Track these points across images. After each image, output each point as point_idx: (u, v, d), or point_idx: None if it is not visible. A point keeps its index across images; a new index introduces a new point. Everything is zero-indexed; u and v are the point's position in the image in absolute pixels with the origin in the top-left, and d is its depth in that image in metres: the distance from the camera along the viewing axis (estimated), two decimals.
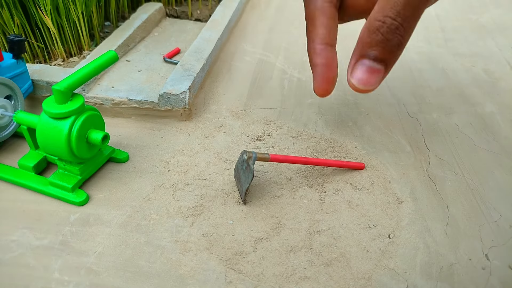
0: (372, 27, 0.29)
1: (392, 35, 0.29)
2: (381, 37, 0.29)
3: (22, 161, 0.37)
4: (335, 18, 0.33)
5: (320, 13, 0.33)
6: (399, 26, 0.28)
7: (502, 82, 0.57)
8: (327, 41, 0.33)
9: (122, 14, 0.71)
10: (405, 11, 0.28)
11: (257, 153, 0.34)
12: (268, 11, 0.79)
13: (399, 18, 0.28)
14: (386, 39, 0.29)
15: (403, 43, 0.29)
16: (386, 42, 0.29)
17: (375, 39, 0.29)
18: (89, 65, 0.33)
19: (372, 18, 0.29)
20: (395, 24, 0.28)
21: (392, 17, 0.28)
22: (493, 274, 0.31)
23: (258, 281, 0.30)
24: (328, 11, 0.33)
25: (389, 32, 0.29)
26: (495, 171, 0.41)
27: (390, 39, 0.29)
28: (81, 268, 0.30)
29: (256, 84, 0.55)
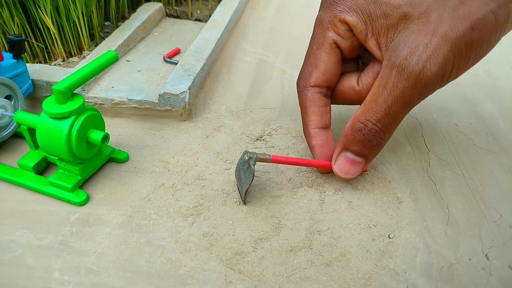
0: (355, 127, 0.32)
1: (372, 137, 0.32)
2: (362, 137, 0.32)
3: (22, 161, 0.37)
4: (326, 104, 0.37)
5: (311, 103, 0.36)
6: (379, 130, 0.32)
7: (502, 82, 0.57)
8: (320, 125, 0.37)
9: (122, 14, 0.71)
10: (385, 119, 0.31)
11: (258, 154, 0.34)
12: (268, 11, 0.79)
13: (379, 124, 0.31)
14: (366, 139, 0.32)
15: (382, 143, 0.33)
16: (367, 142, 0.32)
17: (357, 137, 0.33)
18: (89, 65, 0.33)
19: (355, 118, 0.33)
20: (375, 128, 0.32)
21: (373, 123, 0.31)
22: (493, 274, 0.31)
23: (258, 281, 0.30)
24: (318, 101, 0.36)
25: (370, 135, 0.32)
26: (495, 171, 0.41)
27: (370, 140, 0.32)
28: (81, 268, 0.30)
29: (256, 84, 0.55)
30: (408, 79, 0.29)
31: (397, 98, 0.30)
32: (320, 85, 0.36)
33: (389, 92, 0.30)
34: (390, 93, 0.30)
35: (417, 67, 0.28)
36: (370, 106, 0.31)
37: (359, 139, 0.32)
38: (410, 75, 0.29)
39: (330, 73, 0.35)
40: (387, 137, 0.33)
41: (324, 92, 0.36)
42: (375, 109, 0.31)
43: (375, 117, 0.31)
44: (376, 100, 0.31)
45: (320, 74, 0.35)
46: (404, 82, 0.29)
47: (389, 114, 0.31)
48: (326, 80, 0.35)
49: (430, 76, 0.29)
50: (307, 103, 0.37)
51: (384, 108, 0.30)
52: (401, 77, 0.29)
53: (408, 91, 0.29)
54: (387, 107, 0.30)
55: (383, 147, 0.34)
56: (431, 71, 0.28)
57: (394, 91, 0.30)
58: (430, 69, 0.28)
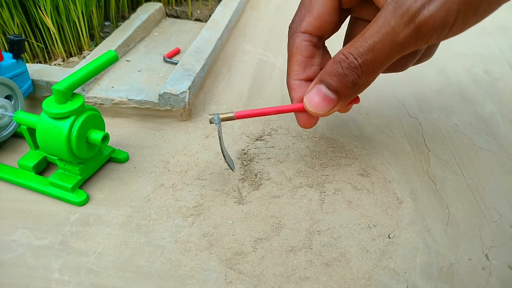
0: (337, 58, 0.30)
1: (349, 71, 0.29)
2: (339, 70, 0.30)
3: (22, 161, 0.37)
4: (313, 55, 0.34)
5: (296, 51, 0.34)
6: (357, 66, 0.29)
7: (502, 82, 0.57)
8: (302, 77, 0.34)
9: (122, 14, 0.71)
10: (367, 55, 0.28)
11: (220, 114, 0.33)
12: (268, 11, 0.79)
13: (359, 59, 0.29)
14: (343, 73, 0.30)
15: (358, 83, 0.30)
16: (343, 76, 0.30)
17: (334, 69, 0.30)
18: (89, 65, 0.33)
19: (340, 50, 0.30)
20: (354, 63, 0.29)
21: (354, 56, 0.29)
22: (493, 274, 0.31)
23: (258, 281, 0.30)
24: (304, 50, 0.34)
25: (347, 69, 0.29)
26: (495, 171, 0.41)
27: (347, 75, 0.30)
28: (81, 268, 0.30)
29: (256, 84, 0.55)
30: (402, 16, 0.26)
31: (386, 34, 0.27)
32: (311, 32, 0.33)
33: (379, 27, 0.27)
34: (380, 28, 0.27)
35: (415, 5, 0.25)
36: (358, 39, 0.28)
37: (336, 71, 0.30)
38: (406, 12, 0.26)
39: (324, 19, 0.32)
40: (365, 78, 0.30)
41: (314, 41, 0.34)
42: (360, 43, 0.28)
43: (357, 50, 0.28)
44: (364, 33, 0.28)
45: (312, 20, 0.33)
46: (397, 19, 0.26)
47: (372, 50, 0.28)
48: (318, 27, 0.33)
49: (428, 18, 0.25)
50: (292, 51, 0.34)
51: (369, 43, 0.27)
52: (395, 13, 0.26)
53: (400, 30, 0.26)
54: (372, 42, 0.27)
55: (359, 92, 0.31)
56: (430, 12, 0.25)
57: (384, 26, 0.27)
58: (429, 10, 0.25)
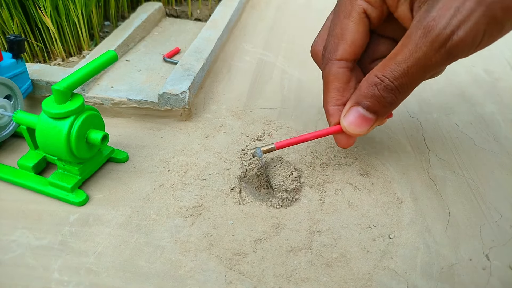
0: (371, 81, 0.31)
1: (387, 94, 0.31)
2: (377, 93, 0.31)
3: (22, 161, 0.37)
4: (349, 80, 0.35)
5: (334, 78, 0.35)
6: (394, 88, 0.30)
7: (502, 82, 0.57)
8: (339, 103, 0.35)
9: (122, 14, 0.71)
10: (403, 78, 0.30)
11: (261, 148, 0.34)
12: (268, 11, 0.79)
13: (396, 82, 0.30)
14: (381, 95, 0.31)
15: (396, 103, 0.31)
16: (381, 98, 0.31)
17: (371, 92, 0.31)
18: (88, 65, 0.33)
19: (372, 73, 0.31)
20: (391, 85, 0.30)
21: (390, 80, 0.30)
22: (493, 275, 0.31)
23: (258, 282, 0.30)
24: (342, 77, 0.34)
25: (385, 91, 0.30)
26: (496, 171, 0.41)
27: (385, 97, 0.31)
28: (80, 268, 0.30)
29: (256, 84, 0.55)
30: (433, 42, 0.27)
31: (419, 59, 0.28)
32: (346, 59, 0.34)
33: (411, 52, 0.28)
34: (412, 54, 0.28)
35: (445, 32, 0.26)
36: (389, 63, 0.30)
37: (373, 94, 0.31)
38: (436, 39, 0.27)
39: (358, 45, 0.33)
40: (401, 97, 0.31)
41: (350, 66, 0.34)
42: (393, 67, 0.29)
43: (392, 74, 0.30)
44: (396, 57, 0.29)
45: (347, 47, 0.33)
46: (428, 44, 0.27)
47: (407, 74, 0.29)
48: (354, 53, 0.34)
49: (458, 42, 0.27)
50: (330, 78, 0.35)
51: (403, 67, 0.29)
52: (426, 38, 0.27)
53: (431, 54, 0.28)
54: (406, 67, 0.29)
55: (394, 108, 0.32)
56: (459, 37, 0.26)
57: (416, 52, 0.28)
58: (459, 35, 0.26)
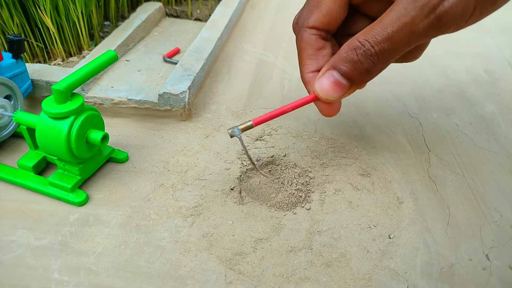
0: (352, 45, 0.30)
1: (365, 59, 0.30)
2: (355, 57, 0.30)
3: (22, 161, 0.37)
4: (324, 46, 0.34)
5: (306, 45, 0.34)
6: (374, 54, 0.29)
7: (502, 82, 0.57)
8: (314, 69, 0.34)
9: (122, 14, 0.71)
10: (385, 43, 0.29)
11: (238, 126, 0.33)
12: (268, 11, 0.79)
13: (376, 47, 0.29)
14: (358, 60, 0.30)
15: (373, 71, 0.30)
16: (358, 63, 0.30)
17: (349, 56, 0.30)
18: (88, 65, 0.33)
19: (355, 37, 0.30)
20: (371, 50, 0.29)
21: (371, 44, 0.29)
22: (493, 275, 0.31)
23: (258, 282, 0.30)
24: (314, 43, 0.34)
25: (363, 56, 0.29)
26: (496, 171, 0.41)
27: (362, 62, 0.30)
28: (80, 268, 0.30)
29: (256, 84, 0.55)
30: (423, 7, 0.26)
31: (405, 24, 0.27)
32: (318, 27, 0.33)
33: (398, 16, 0.27)
34: (399, 18, 0.27)
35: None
36: (374, 27, 0.28)
37: (351, 58, 0.30)
38: (427, 3, 0.26)
39: (333, 16, 0.32)
40: (380, 66, 0.30)
41: (323, 35, 0.34)
42: (377, 31, 0.28)
43: (375, 38, 0.28)
44: (381, 21, 0.28)
45: (321, 15, 0.33)
46: (418, 9, 0.26)
47: (390, 39, 0.28)
48: (327, 23, 0.33)
49: (448, 9, 0.26)
50: (302, 45, 0.34)
51: (387, 31, 0.28)
52: (416, 3, 0.26)
53: (420, 20, 0.26)
54: (391, 31, 0.28)
55: (371, 78, 0.31)
56: (450, 4, 0.26)
57: (404, 16, 0.27)
58: (450, 1, 0.26)
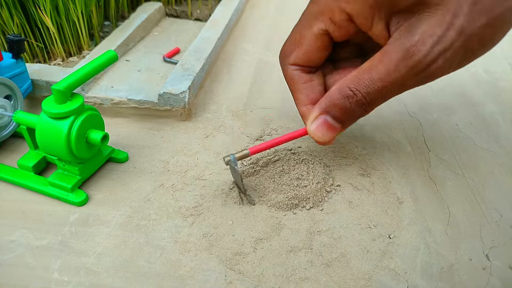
0: (344, 93, 0.31)
1: (358, 108, 0.31)
2: (348, 105, 0.31)
3: (22, 161, 0.37)
4: (310, 79, 0.35)
5: (292, 81, 0.35)
6: (366, 103, 0.31)
7: (503, 82, 0.57)
8: (308, 102, 0.35)
9: (122, 14, 0.71)
10: (376, 95, 0.30)
11: (235, 154, 0.34)
12: (268, 10, 0.79)
13: (368, 97, 0.30)
14: (351, 108, 0.31)
15: (364, 115, 0.32)
16: (351, 111, 0.31)
17: (342, 103, 0.31)
18: (88, 65, 0.33)
19: (345, 84, 0.31)
20: (363, 101, 0.31)
21: (363, 95, 0.30)
22: (493, 275, 0.31)
23: (258, 282, 0.30)
24: (299, 78, 0.35)
25: (356, 105, 0.31)
26: (496, 171, 0.41)
27: (355, 110, 0.31)
28: (80, 268, 0.30)
29: (256, 84, 0.55)
30: (413, 67, 0.28)
31: (395, 80, 0.29)
32: (298, 64, 0.35)
33: (388, 72, 0.29)
34: (389, 74, 0.29)
35: (426, 60, 0.27)
36: (364, 77, 0.30)
37: (344, 105, 0.31)
38: (417, 65, 0.28)
39: (313, 56, 0.34)
40: (370, 111, 0.32)
41: (306, 69, 0.35)
42: (368, 82, 0.30)
43: (366, 90, 0.30)
44: (372, 72, 0.30)
45: (300, 54, 0.34)
46: (407, 69, 0.28)
47: (381, 92, 0.30)
48: (307, 61, 0.34)
49: (436, 69, 0.28)
50: (288, 81, 0.36)
51: (378, 86, 0.29)
52: (406, 62, 0.28)
53: (409, 78, 0.28)
54: (381, 85, 0.29)
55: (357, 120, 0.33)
56: (438, 65, 0.28)
57: (394, 73, 0.29)
58: (438, 63, 0.27)
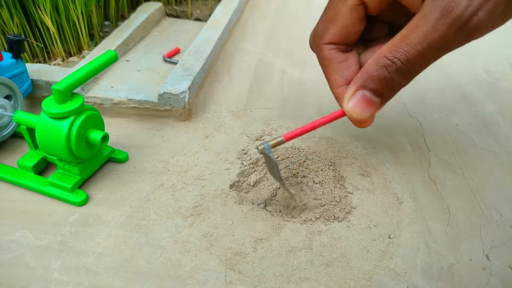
0: (381, 63, 0.29)
1: (398, 76, 0.29)
2: (387, 75, 0.29)
3: (22, 161, 0.37)
4: (346, 58, 0.33)
5: (327, 62, 0.34)
6: (406, 71, 0.29)
7: (503, 82, 0.57)
8: (343, 83, 0.34)
9: (122, 14, 0.71)
10: (416, 61, 0.28)
11: (269, 142, 0.33)
12: (268, 11, 0.79)
13: (408, 64, 0.28)
14: (391, 78, 0.29)
15: (404, 85, 0.30)
16: (391, 81, 0.30)
17: (381, 74, 0.29)
18: (88, 65, 0.33)
19: (381, 54, 0.29)
20: (403, 68, 0.29)
21: (402, 62, 0.29)
22: (493, 275, 0.31)
23: (258, 282, 0.30)
24: (336, 57, 0.33)
25: (396, 74, 0.29)
26: (496, 171, 0.41)
27: (395, 80, 0.29)
28: (80, 268, 0.30)
29: (256, 84, 0.55)
30: (453, 24, 0.26)
31: (435, 41, 0.27)
32: (336, 42, 0.33)
33: (426, 33, 0.27)
34: (428, 35, 0.27)
35: (466, 13, 0.25)
36: (401, 44, 0.28)
37: (383, 76, 0.29)
38: (456, 20, 0.26)
39: (349, 30, 0.32)
40: (410, 79, 0.30)
41: (343, 48, 0.33)
42: (406, 48, 0.28)
43: (405, 56, 0.28)
44: (409, 38, 0.28)
45: (337, 31, 0.32)
46: (447, 26, 0.26)
47: (422, 56, 0.28)
48: (344, 38, 0.33)
49: (478, 23, 0.26)
50: (324, 62, 0.34)
51: (418, 49, 0.28)
52: (445, 20, 0.26)
53: (450, 36, 0.27)
54: (421, 48, 0.27)
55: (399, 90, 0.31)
56: (480, 18, 0.25)
57: (433, 33, 0.27)
58: (479, 16, 0.25)
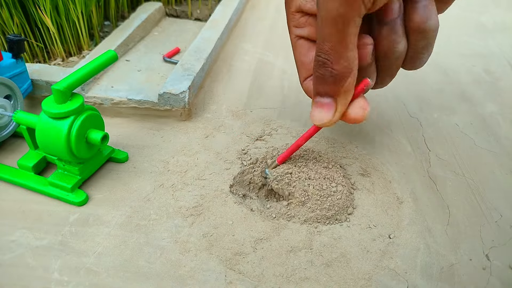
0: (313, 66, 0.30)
1: (324, 70, 0.29)
2: (318, 74, 0.29)
3: (22, 161, 0.37)
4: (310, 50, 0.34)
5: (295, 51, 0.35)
6: (325, 60, 0.29)
7: (503, 81, 0.57)
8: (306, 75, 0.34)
9: (122, 14, 0.71)
10: (325, 46, 0.28)
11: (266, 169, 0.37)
12: (268, 10, 0.79)
13: (322, 54, 0.28)
14: (321, 74, 0.29)
15: (337, 75, 0.29)
16: (322, 77, 0.29)
17: (315, 76, 0.30)
18: (88, 65, 0.33)
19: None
20: (321, 60, 0.29)
21: (318, 54, 0.29)
22: (493, 275, 0.31)
23: (258, 282, 0.30)
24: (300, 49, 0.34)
25: (321, 68, 0.29)
26: (496, 171, 0.41)
27: (324, 74, 0.29)
28: (80, 268, 0.30)
29: (256, 84, 0.55)
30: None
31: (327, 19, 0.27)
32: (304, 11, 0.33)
33: (320, 17, 0.27)
34: (321, 18, 0.27)
35: None
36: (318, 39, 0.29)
37: (316, 76, 0.30)
38: None
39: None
40: (336, 65, 0.29)
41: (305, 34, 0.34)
42: (317, 41, 0.28)
43: (318, 48, 0.28)
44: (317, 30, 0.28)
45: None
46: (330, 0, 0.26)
47: (326, 39, 0.27)
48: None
49: None
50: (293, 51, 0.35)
51: (321, 36, 0.27)
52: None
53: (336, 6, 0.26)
54: (323, 33, 0.27)
55: (344, 82, 0.29)
56: None
57: (324, 11, 0.27)
58: None
